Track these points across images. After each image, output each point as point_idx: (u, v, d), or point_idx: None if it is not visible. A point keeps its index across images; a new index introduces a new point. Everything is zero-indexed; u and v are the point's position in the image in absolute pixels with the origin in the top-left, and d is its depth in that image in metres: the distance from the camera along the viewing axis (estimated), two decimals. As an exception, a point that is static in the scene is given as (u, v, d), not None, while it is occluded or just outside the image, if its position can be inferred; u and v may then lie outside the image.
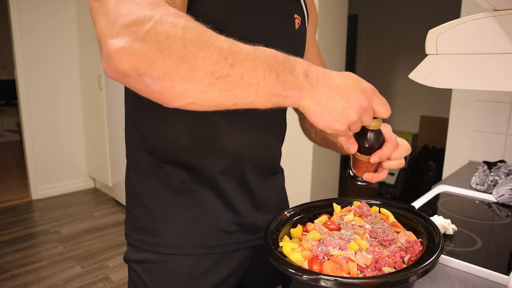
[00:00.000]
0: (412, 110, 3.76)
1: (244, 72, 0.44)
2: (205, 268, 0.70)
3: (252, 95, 0.45)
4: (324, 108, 0.48)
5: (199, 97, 0.44)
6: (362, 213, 0.68)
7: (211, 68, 0.43)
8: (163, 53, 0.42)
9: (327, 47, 2.40)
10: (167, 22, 0.42)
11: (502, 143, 1.56)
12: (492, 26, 0.57)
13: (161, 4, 0.44)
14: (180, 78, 0.42)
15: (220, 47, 0.43)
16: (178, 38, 0.42)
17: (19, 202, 3.52)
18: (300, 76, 0.47)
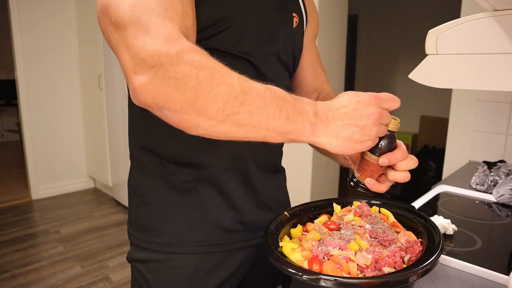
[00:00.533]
0: (412, 110, 3.76)
1: (254, 110, 0.47)
2: (209, 267, 0.70)
3: (262, 132, 0.48)
4: (343, 138, 0.50)
5: (212, 130, 0.48)
6: (362, 213, 0.68)
7: (222, 105, 0.46)
8: (180, 90, 0.45)
9: (327, 47, 2.40)
10: (183, 60, 0.45)
11: (502, 143, 1.56)
12: (492, 26, 0.57)
13: (177, 37, 0.47)
14: (195, 113, 0.46)
15: (231, 85, 0.46)
16: (193, 77, 0.45)
17: (19, 202, 3.52)
18: (310, 116, 0.49)
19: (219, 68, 0.47)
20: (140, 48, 0.46)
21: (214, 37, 0.61)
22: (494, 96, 1.55)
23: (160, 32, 0.47)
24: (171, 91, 0.45)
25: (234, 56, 0.64)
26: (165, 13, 0.49)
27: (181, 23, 0.51)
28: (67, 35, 3.61)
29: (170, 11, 0.50)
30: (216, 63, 0.47)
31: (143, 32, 0.47)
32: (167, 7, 0.50)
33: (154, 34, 0.47)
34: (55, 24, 3.51)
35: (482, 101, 1.59)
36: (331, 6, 2.37)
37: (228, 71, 0.47)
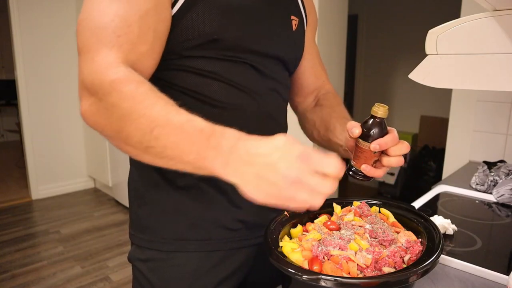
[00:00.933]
0: (412, 110, 3.76)
1: (168, 145, 0.47)
2: (210, 265, 0.71)
3: (180, 165, 0.49)
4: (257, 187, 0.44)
5: (140, 158, 0.51)
6: (362, 213, 0.68)
7: (140, 138, 0.48)
8: (109, 120, 0.49)
9: (327, 47, 2.40)
10: (114, 90, 0.48)
11: (502, 143, 1.56)
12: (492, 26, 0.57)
13: (115, 66, 0.50)
14: (122, 142, 0.50)
15: (151, 118, 0.47)
16: (118, 108, 0.48)
17: (19, 202, 3.52)
18: (223, 153, 0.45)
19: (144, 99, 0.48)
20: (85, 75, 0.50)
21: (210, 45, 0.61)
22: (494, 96, 1.55)
23: (103, 61, 0.50)
24: (103, 120, 0.49)
25: (233, 62, 0.65)
26: (115, 40, 0.52)
27: (131, 50, 0.53)
28: (67, 35, 3.61)
29: (122, 38, 0.52)
30: (143, 94, 0.48)
31: (90, 60, 0.51)
32: (120, 34, 0.52)
33: (97, 63, 0.50)
34: (55, 24, 3.51)
35: (482, 101, 1.59)
36: (331, 6, 2.37)
37: (153, 102, 0.48)
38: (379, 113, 0.59)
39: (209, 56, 0.63)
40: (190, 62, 0.63)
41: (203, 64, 0.63)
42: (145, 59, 0.56)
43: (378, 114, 0.59)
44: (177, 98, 0.59)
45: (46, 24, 3.47)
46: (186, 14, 0.59)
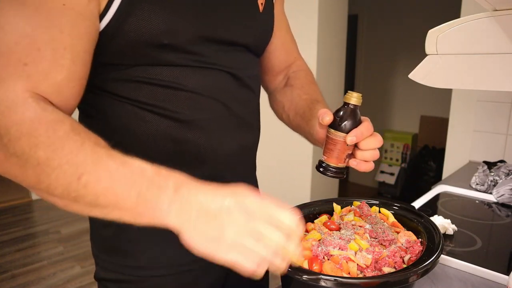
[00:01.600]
0: (412, 110, 3.75)
1: (99, 192, 0.41)
2: (185, 282, 0.66)
3: (116, 214, 0.43)
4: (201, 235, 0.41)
5: (70, 209, 0.44)
6: (362, 213, 0.68)
7: (66, 188, 0.41)
8: (22, 168, 0.41)
9: (327, 47, 2.40)
10: (23, 135, 0.40)
11: (502, 143, 1.56)
12: (492, 26, 0.57)
13: (20, 104, 0.41)
14: (44, 192, 0.42)
15: (75, 165, 0.40)
16: (32, 156, 0.40)
17: (19, 202, 3.52)
18: (168, 191, 0.41)
19: (64, 144, 0.41)
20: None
21: (162, 51, 0.53)
22: (494, 96, 1.55)
23: (7, 97, 0.41)
24: (15, 169, 0.42)
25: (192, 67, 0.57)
26: (21, 70, 0.42)
27: (44, 81, 0.44)
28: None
29: (30, 67, 0.42)
30: (63, 138, 0.41)
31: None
32: (28, 62, 0.42)
33: (1, 99, 0.41)
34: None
35: (482, 101, 1.59)
36: (331, 6, 2.37)
37: (77, 146, 0.41)
38: (352, 100, 0.56)
39: (164, 63, 0.54)
40: (142, 72, 0.54)
41: (157, 72, 0.54)
42: (64, 89, 0.46)
43: (351, 101, 0.56)
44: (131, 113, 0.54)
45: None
46: (125, 21, 0.49)
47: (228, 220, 0.40)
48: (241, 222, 0.40)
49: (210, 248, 0.41)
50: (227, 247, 0.40)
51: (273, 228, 0.40)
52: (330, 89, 2.50)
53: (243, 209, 0.40)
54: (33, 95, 0.43)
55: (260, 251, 0.40)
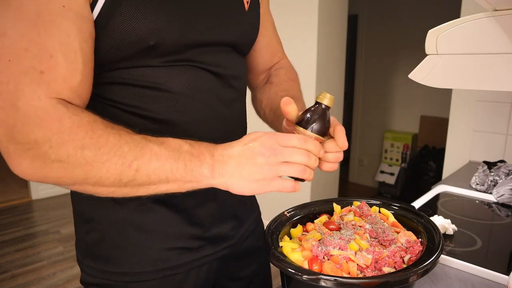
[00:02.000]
0: (412, 110, 3.76)
1: (151, 172, 0.47)
2: (169, 287, 0.65)
3: (164, 186, 0.48)
4: (239, 178, 0.48)
5: (113, 195, 0.49)
6: (362, 213, 0.68)
7: (117, 177, 0.46)
8: (67, 170, 0.44)
9: (327, 47, 2.41)
10: (65, 141, 0.43)
11: (502, 143, 1.56)
12: (492, 26, 0.57)
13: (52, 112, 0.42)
14: (90, 185, 0.46)
15: (123, 156, 0.45)
16: (79, 157, 0.43)
17: (19, 202, 3.52)
18: (207, 159, 0.49)
19: (105, 140, 0.45)
20: (11, 126, 0.40)
21: (148, 52, 0.52)
22: (494, 96, 1.56)
23: (32, 107, 0.41)
24: (58, 172, 0.44)
25: (179, 67, 0.57)
26: (39, 78, 0.42)
27: (63, 87, 0.44)
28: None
29: (47, 75, 0.42)
30: (102, 135, 0.44)
31: (11, 106, 0.40)
32: (44, 70, 0.42)
33: (25, 110, 0.40)
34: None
35: (482, 101, 1.59)
36: (331, 6, 2.37)
37: (117, 140, 0.45)
38: (325, 101, 0.55)
39: (149, 64, 0.54)
40: (126, 74, 0.54)
41: (142, 74, 0.54)
42: (81, 91, 0.48)
43: (324, 102, 0.55)
44: (113, 116, 0.53)
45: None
46: (109, 20, 0.48)
47: (256, 145, 0.48)
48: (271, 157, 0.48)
49: (257, 187, 0.48)
50: (270, 178, 0.48)
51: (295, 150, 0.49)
52: (330, 89, 2.50)
53: (263, 146, 0.48)
54: (59, 101, 0.44)
55: (295, 170, 0.48)
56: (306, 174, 0.50)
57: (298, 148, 0.49)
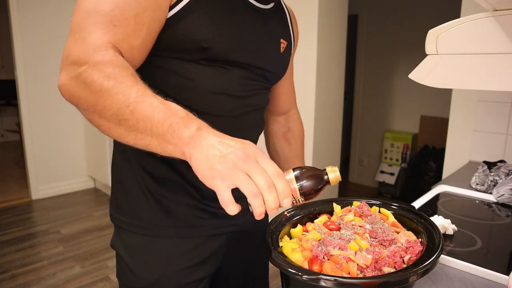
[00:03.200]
0: (412, 110, 3.76)
1: (140, 118, 0.51)
2: (184, 251, 0.76)
3: (148, 139, 0.52)
4: (204, 157, 0.49)
5: (110, 132, 0.55)
6: (362, 213, 0.68)
7: (116, 111, 0.52)
8: (86, 93, 0.53)
9: (327, 47, 2.41)
10: (97, 68, 0.52)
11: (502, 143, 1.56)
12: (492, 26, 0.57)
13: (103, 49, 0.54)
14: (97, 114, 0.54)
15: (128, 95, 0.51)
16: (98, 84, 0.52)
17: (19, 202, 3.52)
18: (192, 129, 0.51)
19: (124, 80, 0.52)
20: (73, 52, 0.54)
21: (199, 52, 0.65)
22: (494, 96, 1.56)
23: (93, 43, 0.54)
24: (80, 93, 0.53)
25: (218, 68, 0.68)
26: (111, 28, 0.55)
27: (124, 41, 0.57)
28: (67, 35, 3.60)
29: (118, 28, 0.56)
30: (125, 77, 0.53)
31: (80, 39, 0.54)
32: (117, 24, 0.56)
33: (88, 43, 0.54)
34: (55, 24, 3.51)
35: (482, 101, 1.59)
36: (331, 6, 2.37)
37: (131, 84, 0.52)
38: (330, 174, 0.54)
39: (195, 61, 0.66)
40: (175, 65, 0.67)
41: (188, 68, 0.67)
42: (135, 52, 0.60)
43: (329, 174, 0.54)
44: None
45: (46, 24, 3.47)
46: (181, 20, 0.62)
47: (223, 158, 0.48)
48: (241, 161, 0.48)
49: (211, 175, 0.48)
50: (224, 176, 0.48)
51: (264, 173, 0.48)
52: (330, 89, 2.50)
53: (242, 150, 0.49)
54: (113, 47, 0.56)
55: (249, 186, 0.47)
56: (256, 201, 0.47)
57: (268, 174, 0.48)
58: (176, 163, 0.72)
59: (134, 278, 0.75)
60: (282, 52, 0.81)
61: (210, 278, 0.82)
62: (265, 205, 0.48)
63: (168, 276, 0.75)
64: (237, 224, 0.82)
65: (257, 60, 0.74)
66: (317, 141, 2.43)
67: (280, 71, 0.84)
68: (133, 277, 0.76)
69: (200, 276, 0.78)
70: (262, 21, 0.74)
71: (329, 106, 2.50)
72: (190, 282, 0.77)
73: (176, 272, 0.75)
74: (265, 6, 0.75)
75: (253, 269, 0.93)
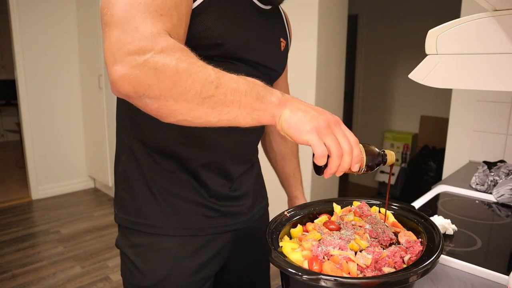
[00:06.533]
0: (412, 110, 3.76)
1: (228, 92, 0.52)
2: (191, 249, 0.76)
3: (235, 111, 0.53)
4: (297, 115, 0.54)
5: (189, 114, 0.53)
6: (362, 213, 0.68)
7: (199, 90, 0.51)
8: (159, 78, 0.50)
9: (327, 47, 2.40)
10: (165, 53, 0.51)
11: (502, 143, 1.56)
12: (492, 26, 0.57)
13: (163, 35, 0.52)
14: (174, 99, 0.51)
15: (207, 73, 0.52)
16: (172, 66, 0.50)
17: (19, 202, 3.52)
18: (277, 94, 0.56)
19: (197, 60, 0.53)
20: (128, 42, 0.51)
21: (213, 47, 0.66)
22: (494, 96, 1.56)
23: (149, 31, 0.52)
24: (150, 80, 0.50)
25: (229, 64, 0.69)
26: (159, 16, 0.54)
27: (172, 30, 0.56)
28: (67, 35, 3.61)
29: (164, 17, 0.55)
30: (194, 58, 0.53)
31: (133, 29, 0.52)
32: (163, 14, 0.55)
33: (143, 32, 0.51)
34: (55, 24, 3.51)
35: (482, 101, 1.59)
36: (331, 6, 2.37)
37: (204, 63, 0.53)
38: (387, 157, 0.61)
39: (209, 56, 0.65)
40: None
41: None
42: (181, 42, 0.59)
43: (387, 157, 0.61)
44: None
45: (46, 24, 3.47)
46: (199, 15, 0.63)
47: (317, 118, 0.53)
48: (332, 124, 0.54)
49: (305, 129, 0.53)
50: (320, 132, 0.53)
51: (347, 139, 0.54)
52: (330, 89, 2.50)
53: (332, 116, 0.55)
54: (169, 34, 0.55)
55: (337, 146, 0.53)
56: (337, 160, 0.53)
57: (351, 142, 0.54)
58: (187, 161, 0.73)
59: (140, 276, 0.76)
60: (282, 51, 0.84)
61: (215, 276, 0.83)
62: (340, 165, 0.54)
63: (175, 275, 0.75)
64: (243, 222, 0.83)
65: (263, 58, 0.76)
66: (317, 141, 2.43)
67: (281, 68, 0.86)
68: (139, 276, 0.76)
69: (207, 274, 0.79)
70: (265, 21, 0.76)
71: (329, 106, 2.50)
72: (197, 280, 0.77)
73: (183, 270, 0.76)
74: (266, 7, 0.76)
75: (257, 267, 0.94)
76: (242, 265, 0.90)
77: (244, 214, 0.84)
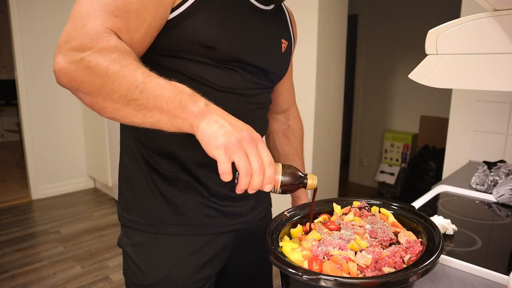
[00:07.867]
0: (412, 110, 3.75)
1: (150, 97, 0.53)
2: (192, 249, 0.77)
3: (157, 116, 0.54)
4: (212, 128, 0.53)
5: (117, 113, 0.56)
6: (362, 213, 0.68)
7: (124, 92, 0.53)
8: (90, 77, 0.53)
9: (327, 47, 2.40)
10: (101, 53, 0.53)
11: (502, 143, 1.56)
12: (492, 26, 0.57)
13: (106, 35, 0.55)
14: (102, 97, 0.54)
15: (135, 77, 0.53)
16: (103, 68, 0.53)
17: (19, 202, 3.52)
18: (201, 104, 0.55)
19: (129, 63, 0.54)
20: (73, 38, 0.54)
21: (205, 51, 0.67)
22: (494, 96, 1.56)
23: (95, 29, 0.54)
24: (83, 77, 0.53)
25: (224, 69, 0.70)
26: (112, 18, 0.56)
27: (125, 32, 0.58)
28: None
29: (119, 19, 0.57)
30: (129, 61, 0.54)
31: (81, 25, 0.55)
32: (118, 15, 0.57)
33: (89, 29, 0.54)
34: (55, 23, 3.51)
35: (482, 101, 1.59)
36: (331, 6, 2.37)
37: (137, 67, 0.55)
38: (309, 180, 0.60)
39: (201, 61, 0.67)
40: (181, 65, 0.67)
41: (194, 68, 0.68)
42: (135, 46, 0.60)
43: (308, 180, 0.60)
44: None
45: (46, 24, 3.46)
46: (186, 19, 0.63)
47: (229, 134, 0.52)
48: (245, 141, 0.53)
49: (216, 144, 0.52)
50: (228, 149, 0.52)
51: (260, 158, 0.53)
52: (330, 89, 2.50)
53: (248, 132, 0.54)
54: (115, 34, 0.56)
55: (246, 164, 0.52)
56: (246, 178, 0.53)
57: (262, 161, 0.54)
58: (185, 161, 0.73)
59: (142, 276, 0.76)
60: (283, 52, 0.82)
61: (216, 276, 0.83)
62: (250, 184, 0.54)
63: (176, 274, 0.76)
64: (244, 222, 0.84)
65: (260, 60, 0.75)
66: (317, 141, 2.43)
67: (282, 70, 0.85)
68: (141, 275, 0.76)
69: (208, 274, 0.79)
70: (264, 22, 0.75)
71: (329, 106, 2.50)
72: (197, 279, 0.77)
73: (184, 270, 0.76)
74: (266, 7, 0.75)
75: (257, 267, 0.94)
76: (244, 266, 0.90)
77: (246, 214, 0.84)
